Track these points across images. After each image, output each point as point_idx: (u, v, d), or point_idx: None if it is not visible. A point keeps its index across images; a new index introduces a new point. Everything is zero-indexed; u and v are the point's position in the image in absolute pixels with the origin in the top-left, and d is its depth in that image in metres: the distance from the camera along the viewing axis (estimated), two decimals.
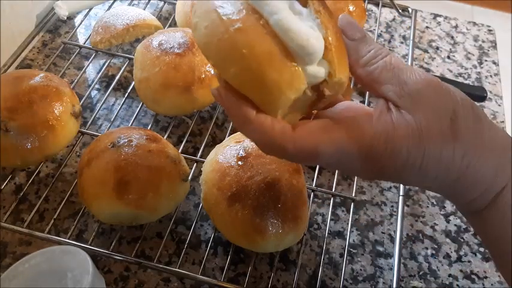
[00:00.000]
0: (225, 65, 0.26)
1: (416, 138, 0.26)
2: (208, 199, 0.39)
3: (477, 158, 0.26)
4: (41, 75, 0.45)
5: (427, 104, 0.26)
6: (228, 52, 0.26)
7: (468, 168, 0.26)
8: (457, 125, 0.26)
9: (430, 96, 0.27)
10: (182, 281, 0.40)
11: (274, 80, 0.25)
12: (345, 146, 0.27)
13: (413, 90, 0.27)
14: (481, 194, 0.27)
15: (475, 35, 0.65)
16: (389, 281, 0.41)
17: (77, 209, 0.44)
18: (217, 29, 0.26)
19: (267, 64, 0.25)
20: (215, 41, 0.26)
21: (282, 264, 0.41)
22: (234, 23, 0.25)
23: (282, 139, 0.27)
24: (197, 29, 0.27)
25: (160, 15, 0.61)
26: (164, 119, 0.51)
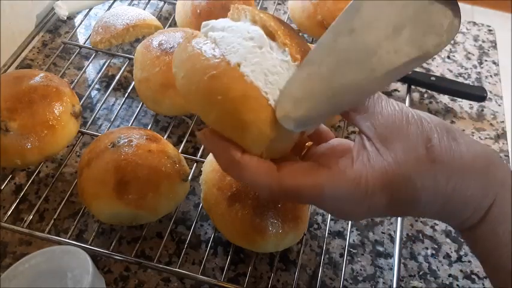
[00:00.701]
0: (205, 111, 0.27)
1: (396, 172, 0.26)
2: (208, 199, 0.39)
3: (461, 180, 0.27)
4: (41, 75, 0.45)
5: (401, 135, 0.27)
6: (205, 99, 0.27)
7: (454, 191, 0.27)
8: (433, 152, 0.26)
9: (404, 127, 0.27)
10: (182, 281, 0.40)
11: (252, 121, 0.26)
12: (326, 191, 0.27)
13: (388, 122, 0.27)
14: (470, 214, 0.28)
15: (475, 35, 0.65)
16: (389, 281, 0.41)
17: (77, 209, 0.44)
18: (193, 78, 0.27)
19: (243, 106, 0.26)
20: (193, 89, 0.27)
21: (282, 264, 0.41)
22: (207, 71, 0.26)
23: (267, 180, 0.28)
24: (177, 79, 0.28)
25: (160, 15, 0.61)
26: (164, 119, 0.51)
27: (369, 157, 0.27)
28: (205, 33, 0.29)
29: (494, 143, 0.53)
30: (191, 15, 0.54)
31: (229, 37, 0.28)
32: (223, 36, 0.28)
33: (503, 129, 0.55)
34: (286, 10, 0.65)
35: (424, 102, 0.57)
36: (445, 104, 0.57)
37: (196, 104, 0.28)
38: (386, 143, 0.27)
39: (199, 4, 0.53)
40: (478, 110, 0.56)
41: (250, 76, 0.26)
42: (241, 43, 0.27)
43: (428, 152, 0.26)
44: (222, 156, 0.29)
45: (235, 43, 0.27)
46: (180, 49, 0.29)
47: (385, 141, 0.27)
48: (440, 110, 0.56)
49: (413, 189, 0.26)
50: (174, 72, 0.29)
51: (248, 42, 0.27)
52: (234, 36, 0.28)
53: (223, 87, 0.26)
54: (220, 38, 0.28)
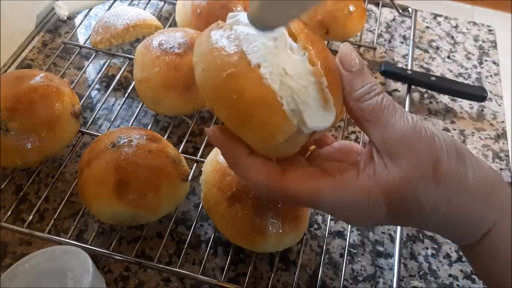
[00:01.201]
0: (218, 107, 0.27)
1: (398, 189, 0.27)
2: (209, 199, 0.39)
3: (463, 202, 0.27)
4: (41, 75, 0.45)
5: (410, 151, 0.27)
6: (221, 96, 0.27)
7: (454, 211, 0.27)
8: (439, 172, 0.27)
9: (414, 143, 0.27)
10: (182, 281, 0.40)
11: (263, 125, 0.26)
12: (327, 199, 0.27)
13: (398, 136, 0.27)
14: (471, 233, 0.28)
15: (475, 35, 0.65)
16: (389, 281, 0.41)
17: (77, 209, 0.44)
18: (212, 72, 0.27)
19: (256, 109, 0.26)
20: (210, 83, 0.27)
21: (282, 264, 0.41)
22: (226, 68, 0.26)
23: (270, 182, 0.28)
24: (196, 69, 0.29)
25: (160, 15, 0.61)
26: (164, 119, 0.51)
27: (375, 170, 0.27)
28: (230, 25, 0.29)
29: (494, 143, 0.53)
30: (191, 15, 0.54)
31: (253, 35, 0.27)
32: (248, 33, 0.27)
33: (504, 129, 0.55)
34: None
35: (424, 102, 0.57)
36: (445, 104, 0.57)
37: (211, 98, 0.28)
38: (394, 157, 0.27)
39: (200, 4, 0.53)
40: (478, 110, 0.56)
41: (268, 79, 0.26)
42: (264, 43, 0.27)
43: (435, 172, 0.26)
44: (228, 154, 0.29)
45: (258, 42, 0.27)
46: (203, 39, 0.29)
47: (393, 155, 0.27)
48: (440, 110, 0.56)
49: (415, 205, 0.27)
50: (195, 61, 0.29)
51: (271, 42, 0.27)
52: (258, 35, 0.27)
53: (239, 87, 0.26)
54: (244, 35, 0.27)
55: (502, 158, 0.52)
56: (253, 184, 0.29)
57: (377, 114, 0.28)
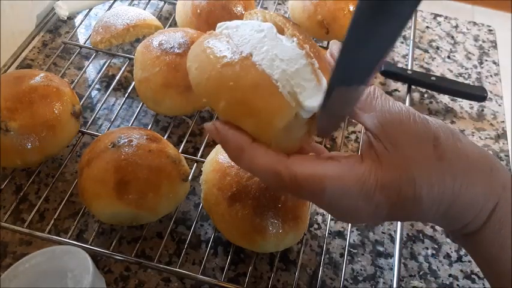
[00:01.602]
0: (215, 100, 0.28)
1: (403, 169, 0.26)
2: (209, 199, 0.39)
3: (467, 180, 0.27)
4: (41, 75, 0.45)
5: (409, 133, 0.27)
6: (216, 86, 0.27)
7: (460, 190, 0.27)
8: (440, 149, 0.27)
9: (411, 125, 0.27)
10: (182, 281, 0.40)
11: (262, 109, 0.27)
12: (333, 183, 0.27)
13: (395, 119, 0.27)
14: (475, 216, 0.28)
15: (475, 35, 0.65)
16: (389, 281, 0.41)
17: (77, 209, 0.44)
18: (206, 68, 0.28)
19: (253, 94, 0.27)
20: (205, 78, 0.28)
21: (282, 264, 0.41)
22: (220, 60, 0.27)
23: (275, 164, 0.27)
24: (190, 72, 0.29)
25: (160, 15, 0.61)
26: (164, 119, 0.51)
27: (377, 154, 0.27)
28: (220, 31, 0.30)
29: (494, 143, 0.53)
30: (191, 15, 0.54)
31: (241, 30, 0.29)
32: (236, 30, 0.29)
33: (504, 129, 0.55)
34: (286, 10, 0.65)
35: (425, 102, 0.57)
36: (445, 104, 0.57)
37: (208, 91, 0.28)
38: (394, 140, 0.27)
39: (200, 4, 0.53)
40: (479, 110, 0.56)
41: (262, 65, 0.27)
42: (252, 34, 0.28)
43: (436, 149, 0.26)
44: (231, 144, 0.28)
45: (247, 35, 0.28)
46: (195, 45, 0.30)
47: (391, 138, 0.27)
48: (440, 110, 0.56)
49: (419, 186, 0.26)
50: (188, 66, 0.29)
51: (259, 33, 0.28)
52: (246, 29, 0.29)
53: (235, 75, 0.27)
54: (233, 32, 0.29)
55: (502, 158, 0.52)
56: (260, 172, 0.28)
57: (370, 102, 0.28)
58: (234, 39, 0.28)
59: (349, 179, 0.27)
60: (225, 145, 0.29)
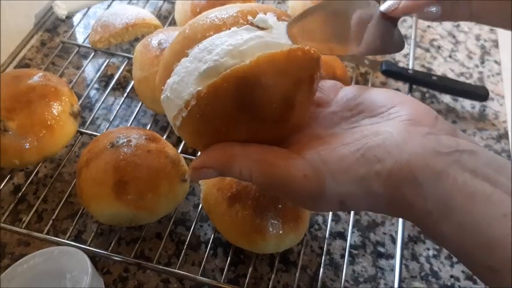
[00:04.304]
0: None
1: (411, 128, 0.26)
2: (208, 199, 0.39)
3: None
4: (40, 75, 0.44)
5: (406, 99, 0.28)
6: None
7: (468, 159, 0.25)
8: (439, 124, 0.26)
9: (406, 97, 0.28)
10: (182, 282, 0.40)
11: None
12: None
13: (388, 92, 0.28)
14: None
15: (476, 34, 0.65)
16: (390, 282, 0.41)
17: (76, 209, 0.43)
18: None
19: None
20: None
21: (282, 265, 0.41)
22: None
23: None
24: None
25: (159, 14, 0.61)
26: (163, 118, 0.51)
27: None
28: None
29: (496, 143, 0.53)
30: (191, 14, 0.53)
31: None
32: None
33: (505, 129, 0.54)
34: (286, 9, 0.64)
35: (426, 102, 0.56)
36: (446, 103, 0.56)
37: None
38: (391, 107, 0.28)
39: (199, 3, 0.53)
40: (480, 109, 0.56)
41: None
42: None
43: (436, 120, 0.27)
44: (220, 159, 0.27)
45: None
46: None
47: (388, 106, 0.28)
48: (442, 110, 0.56)
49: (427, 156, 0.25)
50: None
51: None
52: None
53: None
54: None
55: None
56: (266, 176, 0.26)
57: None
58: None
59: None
60: (225, 172, 0.27)
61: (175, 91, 0.27)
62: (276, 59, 0.25)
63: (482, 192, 0.24)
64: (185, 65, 0.26)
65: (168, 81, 0.27)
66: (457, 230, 0.24)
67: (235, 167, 0.26)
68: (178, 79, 0.27)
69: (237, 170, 0.26)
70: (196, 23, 0.28)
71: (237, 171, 0.26)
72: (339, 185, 0.25)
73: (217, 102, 0.25)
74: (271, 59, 0.25)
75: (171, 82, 0.27)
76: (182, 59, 0.27)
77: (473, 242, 0.23)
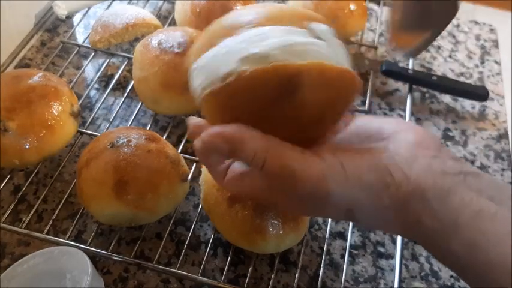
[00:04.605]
0: None
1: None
2: (208, 199, 0.39)
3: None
4: (40, 75, 0.44)
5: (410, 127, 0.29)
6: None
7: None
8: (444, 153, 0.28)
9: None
10: (182, 282, 0.40)
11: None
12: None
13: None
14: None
15: (476, 34, 0.65)
16: (390, 282, 0.41)
17: (76, 209, 0.43)
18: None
19: None
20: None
21: (282, 265, 0.41)
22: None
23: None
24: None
25: (159, 14, 0.61)
26: (163, 118, 0.51)
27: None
28: None
29: (496, 143, 0.53)
30: (191, 14, 0.53)
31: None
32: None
33: (505, 129, 0.54)
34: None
35: (426, 102, 0.56)
36: (446, 103, 0.56)
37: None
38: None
39: (199, 3, 0.53)
40: (480, 109, 0.56)
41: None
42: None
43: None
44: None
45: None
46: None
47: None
48: (442, 110, 0.56)
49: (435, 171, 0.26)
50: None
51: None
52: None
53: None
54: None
55: (504, 158, 0.51)
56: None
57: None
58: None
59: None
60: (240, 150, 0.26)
61: (213, 62, 0.27)
62: (328, 71, 0.26)
63: (488, 210, 0.24)
64: (233, 43, 0.26)
65: (208, 52, 0.27)
66: (466, 249, 0.24)
67: (251, 147, 0.26)
68: (221, 52, 0.26)
69: (252, 150, 0.25)
70: (255, 8, 0.28)
71: (251, 152, 0.25)
72: (350, 190, 0.26)
73: (255, 87, 0.25)
74: (322, 68, 0.26)
75: (211, 53, 0.27)
76: (232, 36, 0.26)
77: (484, 260, 0.24)
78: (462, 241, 0.24)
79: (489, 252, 0.24)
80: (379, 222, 0.28)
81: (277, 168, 0.26)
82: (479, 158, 0.51)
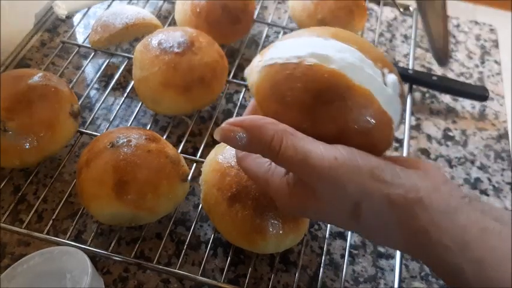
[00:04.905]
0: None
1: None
2: (208, 199, 0.39)
3: None
4: (40, 75, 0.44)
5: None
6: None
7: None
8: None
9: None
10: (182, 282, 0.40)
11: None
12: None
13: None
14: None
15: (476, 34, 0.65)
16: (390, 282, 0.41)
17: (76, 209, 0.43)
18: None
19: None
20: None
21: (282, 265, 0.41)
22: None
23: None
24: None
25: (159, 14, 0.61)
26: (163, 118, 0.51)
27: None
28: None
29: (496, 142, 0.53)
30: (191, 14, 0.53)
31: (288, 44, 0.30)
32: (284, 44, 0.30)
33: (505, 129, 0.54)
34: (286, 9, 0.64)
35: (426, 102, 0.56)
36: (446, 103, 0.56)
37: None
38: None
39: (199, 3, 0.53)
40: (480, 109, 0.56)
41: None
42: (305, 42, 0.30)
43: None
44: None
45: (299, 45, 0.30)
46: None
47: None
48: (442, 110, 0.56)
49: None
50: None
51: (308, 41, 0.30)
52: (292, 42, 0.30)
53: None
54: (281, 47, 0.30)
55: (503, 158, 0.51)
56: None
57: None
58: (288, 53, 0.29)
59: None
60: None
61: (288, 47, 0.29)
62: (373, 105, 0.28)
63: (494, 228, 0.25)
64: (315, 41, 0.29)
65: (292, 38, 0.30)
66: (474, 265, 0.24)
67: (268, 132, 0.27)
68: (300, 42, 0.29)
69: (270, 134, 0.27)
70: (344, 32, 0.31)
71: (268, 137, 0.27)
72: (362, 179, 0.26)
73: (310, 79, 0.27)
74: (370, 101, 0.28)
75: (292, 40, 0.30)
76: (319, 37, 0.29)
77: (492, 276, 0.24)
78: (471, 259, 0.24)
79: (498, 269, 0.24)
80: (382, 229, 0.27)
81: (293, 152, 0.26)
82: (479, 158, 0.51)
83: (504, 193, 0.49)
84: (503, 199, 0.48)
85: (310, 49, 0.28)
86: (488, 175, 0.50)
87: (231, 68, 0.53)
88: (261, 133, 0.27)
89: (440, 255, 0.25)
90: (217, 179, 0.39)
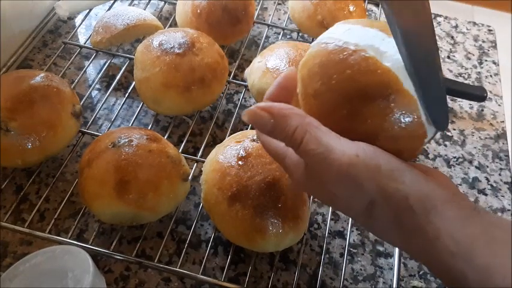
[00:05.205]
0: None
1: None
2: (209, 199, 0.39)
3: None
4: (42, 75, 0.45)
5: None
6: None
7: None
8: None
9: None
10: (182, 281, 0.40)
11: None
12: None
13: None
14: None
15: (475, 35, 0.65)
16: (389, 281, 0.41)
17: (78, 208, 0.44)
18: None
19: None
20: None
21: (282, 264, 0.41)
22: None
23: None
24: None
25: (160, 15, 0.61)
26: (164, 118, 0.51)
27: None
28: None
29: (494, 143, 0.53)
30: (191, 15, 0.54)
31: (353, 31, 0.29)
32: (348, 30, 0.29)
33: (503, 129, 0.55)
34: (286, 10, 0.65)
35: None
36: None
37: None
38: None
39: (200, 4, 0.53)
40: (478, 110, 0.56)
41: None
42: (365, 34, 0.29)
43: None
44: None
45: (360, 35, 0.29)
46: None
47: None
48: None
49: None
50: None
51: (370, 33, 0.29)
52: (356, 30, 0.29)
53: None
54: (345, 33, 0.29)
55: (501, 158, 0.52)
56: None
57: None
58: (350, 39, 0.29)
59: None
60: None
61: (348, 34, 0.29)
62: (417, 115, 0.27)
63: (502, 237, 0.25)
64: (370, 31, 0.29)
65: (355, 25, 0.29)
66: (480, 274, 0.24)
67: (293, 122, 0.27)
68: (361, 31, 0.29)
69: (293, 126, 0.27)
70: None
71: (292, 127, 0.27)
72: (379, 177, 0.26)
73: (361, 68, 0.27)
74: (414, 109, 0.27)
75: (355, 27, 0.29)
76: (374, 29, 0.29)
77: (499, 284, 0.24)
78: (478, 267, 0.25)
79: (505, 277, 0.24)
80: (392, 229, 0.27)
81: (315, 145, 0.27)
82: (478, 158, 0.52)
83: (502, 192, 0.49)
84: (501, 198, 0.48)
85: (370, 41, 0.28)
86: (486, 175, 0.50)
87: (231, 69, 0.53)
88: (286, 122, 0.27)
89: (446, 262, 0.25)
90: (217, 178, 0.39)
